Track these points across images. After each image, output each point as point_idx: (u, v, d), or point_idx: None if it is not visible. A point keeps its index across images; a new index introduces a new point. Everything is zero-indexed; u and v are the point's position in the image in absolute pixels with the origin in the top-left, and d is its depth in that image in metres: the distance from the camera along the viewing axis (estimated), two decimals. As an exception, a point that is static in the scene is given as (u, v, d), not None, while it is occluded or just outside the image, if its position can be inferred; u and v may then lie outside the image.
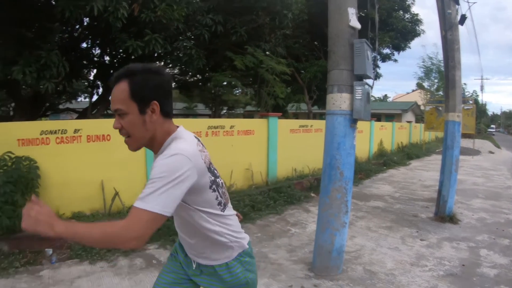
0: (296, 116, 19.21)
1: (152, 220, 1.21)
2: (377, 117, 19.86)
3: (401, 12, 14.57)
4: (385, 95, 57.30)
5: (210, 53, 9.76)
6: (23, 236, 4.24)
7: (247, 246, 1.62)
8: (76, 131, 5.05)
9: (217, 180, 1.51)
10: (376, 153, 13.67)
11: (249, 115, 21.14)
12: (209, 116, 18.08)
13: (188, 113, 25.28)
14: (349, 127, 3.58)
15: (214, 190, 1.46)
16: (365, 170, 10.19)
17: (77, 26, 8.40)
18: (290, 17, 9.50)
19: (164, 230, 4.60)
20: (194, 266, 1.63)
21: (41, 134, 4.82)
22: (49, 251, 4.24)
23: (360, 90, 3.48)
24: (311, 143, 8.81)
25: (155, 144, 1.41)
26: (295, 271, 3.87)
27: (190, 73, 12.47)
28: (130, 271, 3.84)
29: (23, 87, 8.47)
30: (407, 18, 14.73)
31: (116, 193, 5.34)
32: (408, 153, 15.42)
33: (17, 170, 4.37)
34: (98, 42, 8.72)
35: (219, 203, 1.50)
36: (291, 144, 8.37)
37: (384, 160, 12.53)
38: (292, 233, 5.19)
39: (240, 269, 1.55)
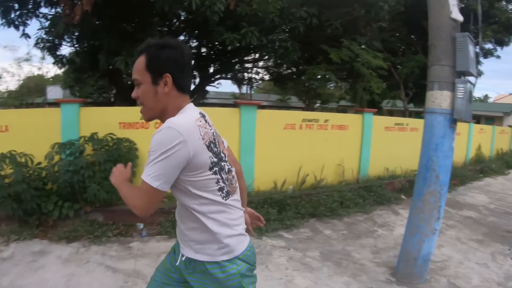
0: (390, 113, 18.29)
1: (149, 193, 1.31)
2: (476, 119, 18.22)
3: (504, 3, 13.01)
4: (486, 95, 51.31)
5: (304, 45, 9.62)
6: (117, 210, 4.65)
7: (243, 249, 1.49)
8: (174, 116, 5.35)
9: (222, 163, 1.46)
10: (473, 158, 12.54)
11: (342, 109, 20.53)
12: (302, 109, 18.01)
13: (282, 105, 25.45)
14: (448, 128, 3.33)
15: (215, 173, 1.41)
16: (460, 176, 9.40)
17: (175, 20, 8.92)
18: (386, 9, 9.00)
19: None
20: (183, 259, 1.52)
21: (141, 119, 5.18)
22: (140, 225, 4.59)
23: (462, 88, 3.23)
24: (405, 142, 8.37)
25: (166, 118, 1.38)
26: (377, 273, 3.74)
27: (284, 66, 12.44)
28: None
29: (124, 76, 9.24)
30: (511, 9, 13.19)
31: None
32: (508, 162, 13.84)
33: (118, 150, 4.79)
34: (195, 34, 9.14)
35: (221, 189, 1.44)
36: (385, 142, 7.99)
37: (481, 167, 11.49)
38: (379, 234, 5.03)
39: (235, 270, 1.44)
